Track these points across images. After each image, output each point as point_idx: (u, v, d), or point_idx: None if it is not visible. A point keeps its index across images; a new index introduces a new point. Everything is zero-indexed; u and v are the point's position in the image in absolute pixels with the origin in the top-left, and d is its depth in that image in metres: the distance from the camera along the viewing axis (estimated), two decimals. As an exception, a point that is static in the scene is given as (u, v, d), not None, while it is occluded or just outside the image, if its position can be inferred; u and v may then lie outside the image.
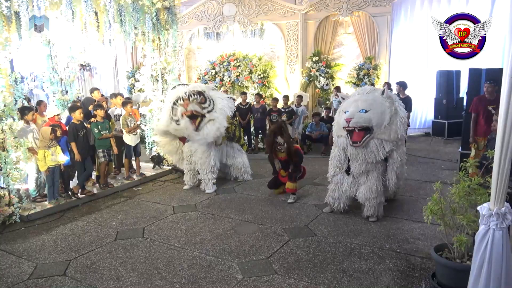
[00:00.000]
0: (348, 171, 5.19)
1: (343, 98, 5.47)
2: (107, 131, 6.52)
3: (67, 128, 6.26)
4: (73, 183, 6.49)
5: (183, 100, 6.28)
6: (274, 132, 5.90)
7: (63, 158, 5.91)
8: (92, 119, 6.46)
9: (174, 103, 6.40)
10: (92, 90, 8.20)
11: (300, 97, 9.75)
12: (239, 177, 7.20)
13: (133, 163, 7.56)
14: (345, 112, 4.89)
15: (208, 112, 6.39)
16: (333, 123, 5.38)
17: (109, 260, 4.26)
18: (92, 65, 12.99)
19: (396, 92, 8.64)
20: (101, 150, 6.46)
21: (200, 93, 6.39)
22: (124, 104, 7.18)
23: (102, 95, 8.66)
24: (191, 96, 6.30)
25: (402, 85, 8.43)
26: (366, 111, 4.71)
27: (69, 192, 6.23)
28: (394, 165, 4.98)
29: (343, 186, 5.22)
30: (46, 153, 5.69)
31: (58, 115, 6.63)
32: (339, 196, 5.25)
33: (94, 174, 6.90)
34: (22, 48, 6.13)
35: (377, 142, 4.82)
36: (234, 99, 10.31)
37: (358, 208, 5.35)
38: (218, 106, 6.52)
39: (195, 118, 6.29)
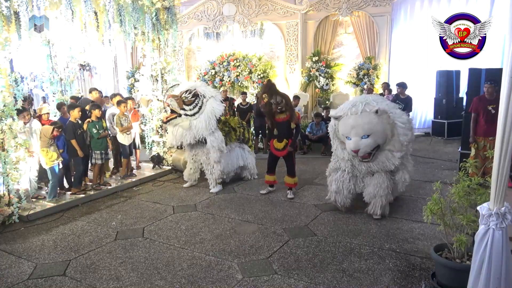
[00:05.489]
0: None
1: (336, 118, 5.03)
2: (103, 131, 6.54)
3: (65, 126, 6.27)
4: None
5: (182, 93, 6.30)
6: (269, 91, 5.72)
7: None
8: (88, 119, 6.45)
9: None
10: (91, 90, 8.21)
11: (297, 98, 9.74)
12: (249, 177, 7.26)
13: (133, 163, 7.58)
14: (347, 138, 4.85)
15: (186, 115, 6.24)
16: (329, 134, 5.27)
17: (109, 260, 4.26)
18: (92, 65, 12.98)
19: (397, 93, 8.67)
20: (98, 151, 6.45)
21: (195, 94, 6.29)
22: (118, 103, 7.18)
23: (106, 96, 8.68)
24: (185, 93, 6.30)
25: (402, 86, 8.48)
26: (368, 135, 4.71)
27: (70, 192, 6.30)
28: (408, 166, 5.14)
29: (345, 183, 5.21)
30: (50, 152, 5.79)
31: (47, 113, 6.68)
32: (340, 190, 5.21)
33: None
34: (22, 48, 6.12)
35: (386, 153, 4.90)
36: (234, 99, 10.37)
37: (358, 208, 5.36)
38: (206, 114, 6.27)
39: (173, 112, 6.29)
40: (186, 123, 6.27)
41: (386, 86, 9.96)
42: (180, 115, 6.25)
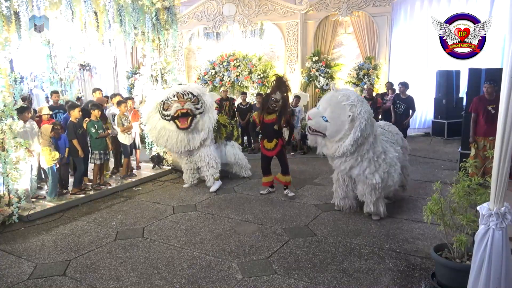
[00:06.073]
0: None
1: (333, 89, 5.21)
2: (103, 131, 6.53)
3: (66, 126, 6.28)
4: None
5: (180, 97, 6.28)
6: (277, 85, 5.82)
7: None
8: (87, 119, 6.45)
9: (167, 99, 6.36)
10: (94, 90, 8.21)
11: (297, 98, 9.73)
12: (241, 174, 7.30)
13: (133, 163, 7.58)
14: (318, 107, 5.08)
15: (200, 113, 6.40)
16: None
17: (109, 260, 4.26)
18: (92, 65, 12.98)
19: (398, 92, 8.67)
20: (97, 151, 6.45)
21: (193, 95, 6.38)
22: (118, 103, 7.18)
23: (106, 96, 8.68)
24: (185, 95, 6.32)
25: (405, 86, 8.48)
26: (327, 120, 4.85)
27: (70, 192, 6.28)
28: (379, 169, 5.00)
29: (345, 185, 5.27)
30: (51, 151, 5.83)
31: (47, 114, 6.69)
32: (344, 195, 5.31)
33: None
34: (22, 48, 6.12)
35: (322, 141, 5.06)
36: (234, 99, 10.37)
37: (358, 208, 5.36)
38: (207, 109, 6.53)
39: (187, 116, 6.27)
40: (201, 122, 6.42)
41: (390, 85, 9.76)
42: (195, 115, 6.34)
